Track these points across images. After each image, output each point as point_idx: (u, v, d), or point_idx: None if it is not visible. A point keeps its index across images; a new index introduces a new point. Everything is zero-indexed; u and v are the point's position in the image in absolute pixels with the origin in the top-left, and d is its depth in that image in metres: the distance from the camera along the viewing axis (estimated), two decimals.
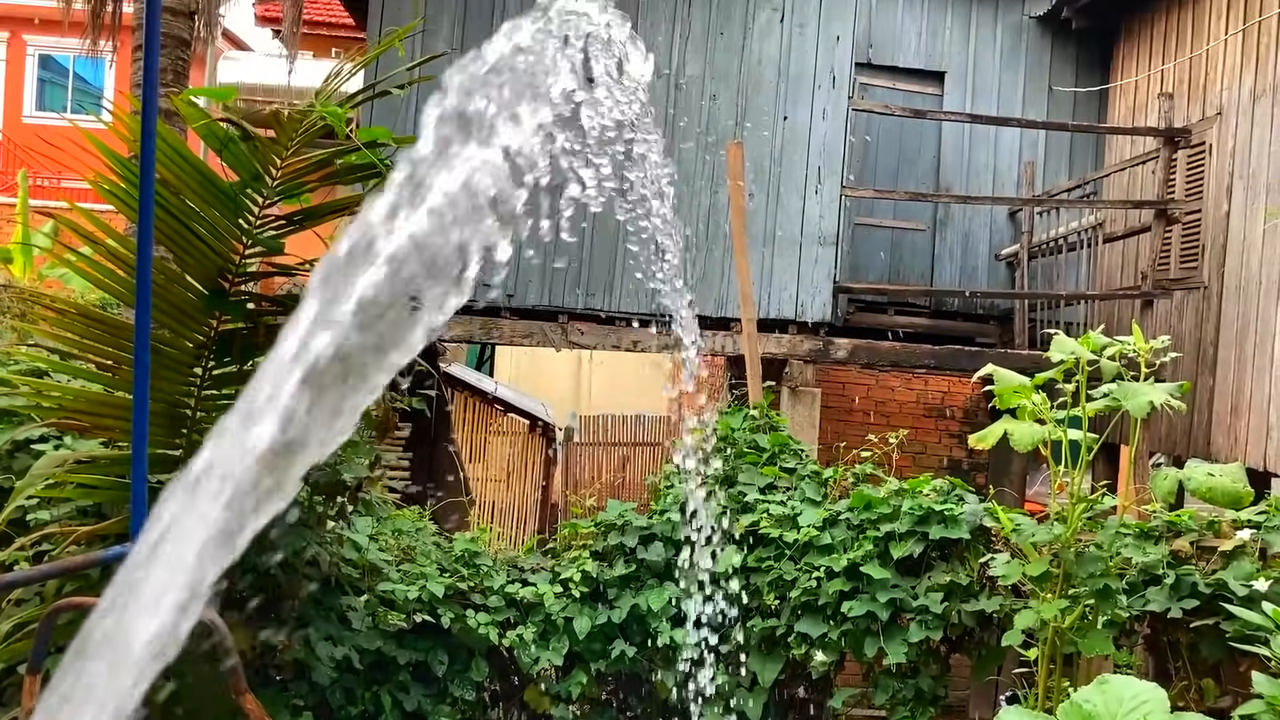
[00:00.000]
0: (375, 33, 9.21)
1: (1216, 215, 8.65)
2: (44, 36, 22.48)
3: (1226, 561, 4.31)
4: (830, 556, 4.82)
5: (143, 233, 2.58)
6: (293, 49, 10.55)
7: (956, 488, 5.02)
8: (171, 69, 6.70)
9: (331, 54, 18.37)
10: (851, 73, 9.42)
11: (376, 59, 3.80)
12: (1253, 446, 7.84)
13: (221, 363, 3.62)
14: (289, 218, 3.50)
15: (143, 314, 2.62)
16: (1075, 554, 4.07)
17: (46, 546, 3.79)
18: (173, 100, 3.72)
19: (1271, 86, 8.07)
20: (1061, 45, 11.22)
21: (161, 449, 3.57)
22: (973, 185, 10.93)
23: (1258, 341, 7.92)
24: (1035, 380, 4.03)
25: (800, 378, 8.89)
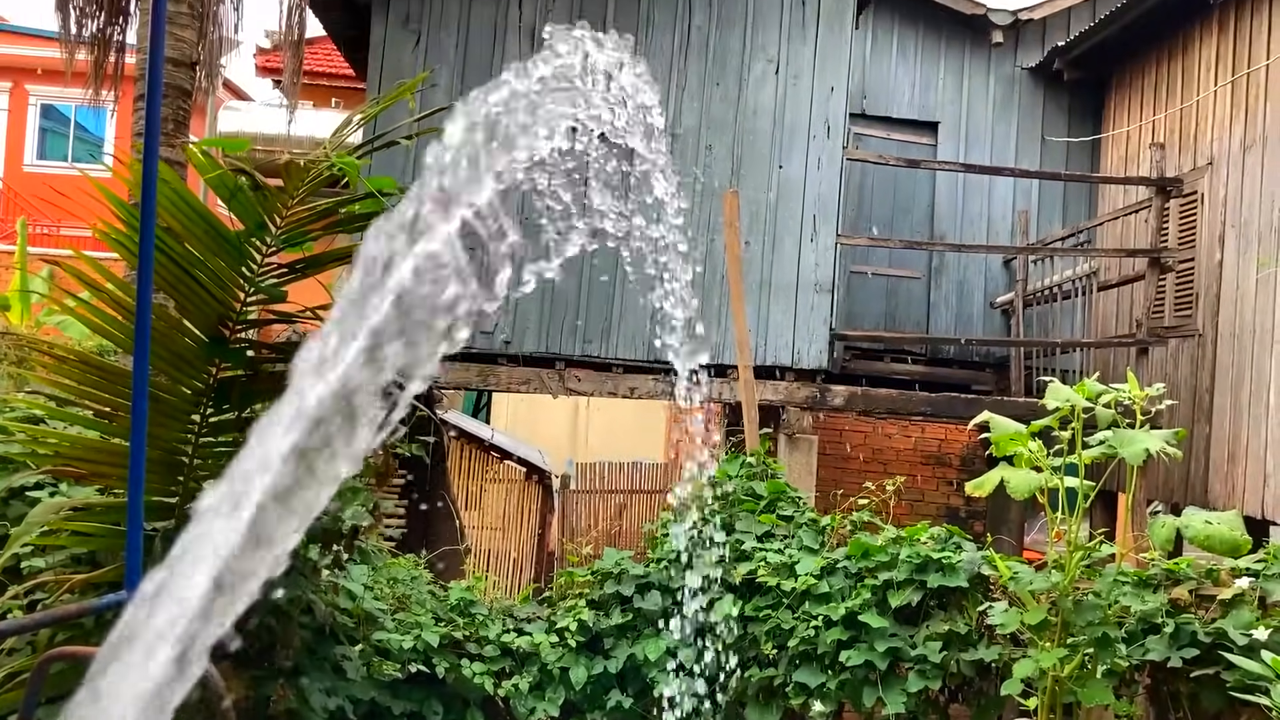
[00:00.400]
0: (375, 84, 9.30)
1: (1210, 264, 8.71)
2: (46, 86, 22.69)
3: (1226, 610, 4.29)
4: (828, 605, 4.80)
5: (143, 279, 2.60)
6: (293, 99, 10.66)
7: (954, 535, 5.01)
8: (173, 118, 6.75)
9: (331, 104, 18.54)
10: (846, 123, 9.52)
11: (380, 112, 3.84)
12: (1250, 494, 7.83)
13: (220, 410, 3.62)
14: (291, 265, 3.52)
15: (141, 360, 2.63)
16: (1074, 602, 4.06)
17: (40, 595, 3.76)
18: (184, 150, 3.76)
19: (1261, 137, 8.16)
20: (1054, 96, 11.37)
21: (158, 496, 3.56)
22: (967, 234, 11.02)
23: (1253, 389, 7.95)
24: (1031, 427, 4.04)
25: (797, 425, 8.89)
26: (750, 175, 9.33)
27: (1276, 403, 7.66)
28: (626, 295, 9.26)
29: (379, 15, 9.44)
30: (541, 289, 9.36)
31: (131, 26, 7.53)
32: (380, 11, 9.44)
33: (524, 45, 9.43)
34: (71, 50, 7.51)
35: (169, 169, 3.46)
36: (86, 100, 7.90)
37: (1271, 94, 8.12)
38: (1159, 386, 4.07)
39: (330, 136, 3.38)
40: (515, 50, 9.42)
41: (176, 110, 6.87)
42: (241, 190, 3.20)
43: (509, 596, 6.52)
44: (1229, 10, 8.78)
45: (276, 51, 16.34)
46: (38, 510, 3.75)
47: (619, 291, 9.26)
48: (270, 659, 4.00)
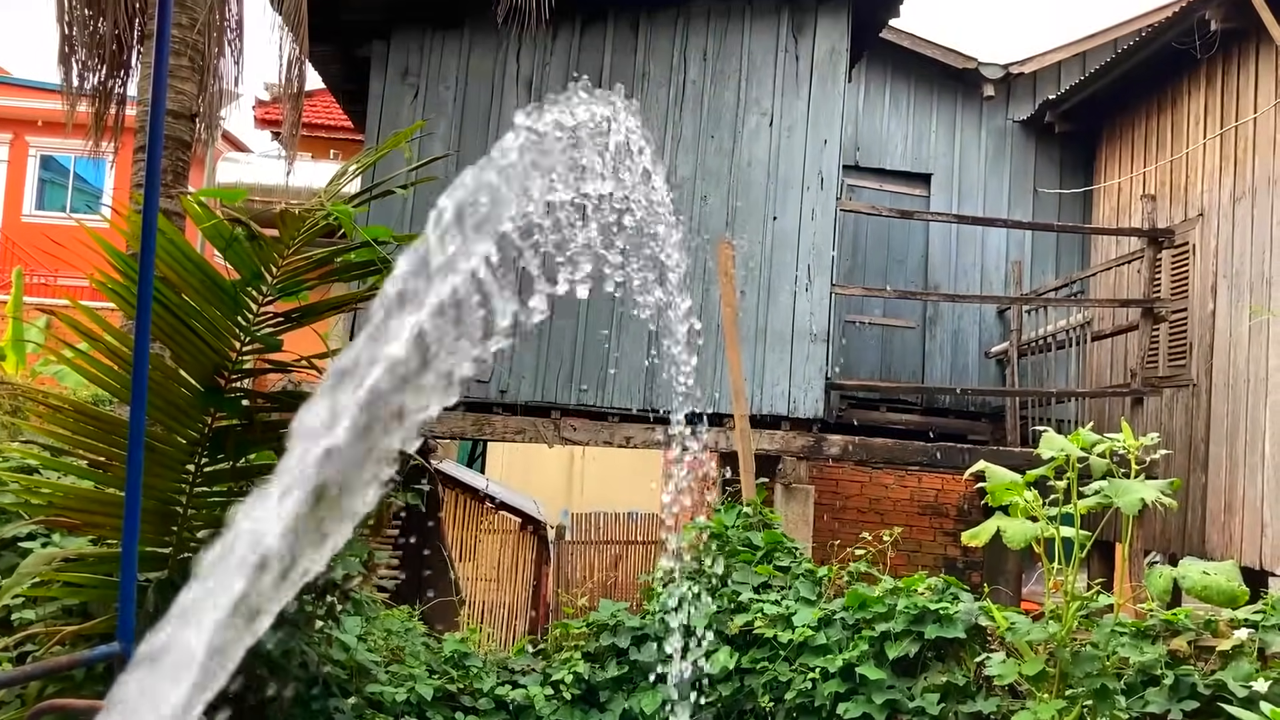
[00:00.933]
0: (373, 135, 9.39)
1: (1203, 314, 8.76)
2: (47, 138, 22.87)
3: (1225, 661, 4.26)
4: (825, 657, 4.76)
5: (140, 328, 2.61)
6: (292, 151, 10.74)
7: (951, 586, 4.98)
8: (172, 169, 6.80)
9: (329, 155, 18.69)
10: (839, 175, 9.61)
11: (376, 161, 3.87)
12: (1248, 544, 7.81)
13: (214, 459, 3.62)
14: (287, 314, 3.53)
15: (138, 410, 2.63)
16: (1072, 653, 4.03)
17: (30, 647, 3.73)
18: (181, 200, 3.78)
19: (1250, 189, 8.24)
20: (1045, 148, 11.49)
21: (151, 547, 3.54)
22: (961, 284, 11.08)
23: (1248, 439, 7.95)
24: (1027, 477, 4.03)
25: (794, 474, 8.87)
26: (745, 225, 9.39)
27: (1272, 453, 7.66)
28: (623, 344, 9.28)
29: (378, 68, 9.56)
30: (537, 338, 9.39)
31: (132, 79, 7.60)
32: (379, 65, 9.56)
33: (521, 97, 9.53)
34: (73, 102, 7.57)
35: (166, 220, 3.49)
36: (86, 151, 7.95)
37: (1259, 146, 8.21)
38: (1154, 436, 4.07)
39: (327, 186, 3.41)
40: (512, 102, 9.53)
41: (175, 161, 6.92)
42: (237, 240, 3.22)
43: (504, 648, 6.48)
44: (1216, 64, 8.91)
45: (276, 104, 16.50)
46: (29, 561, 3.73)
47: (615, 340, 9.28)
48: (263, 712, 3.95)
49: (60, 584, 3.75)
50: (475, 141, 9.46)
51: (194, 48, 6.27)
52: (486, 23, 8.61)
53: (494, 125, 9.51)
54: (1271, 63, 8.14)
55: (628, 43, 9.59)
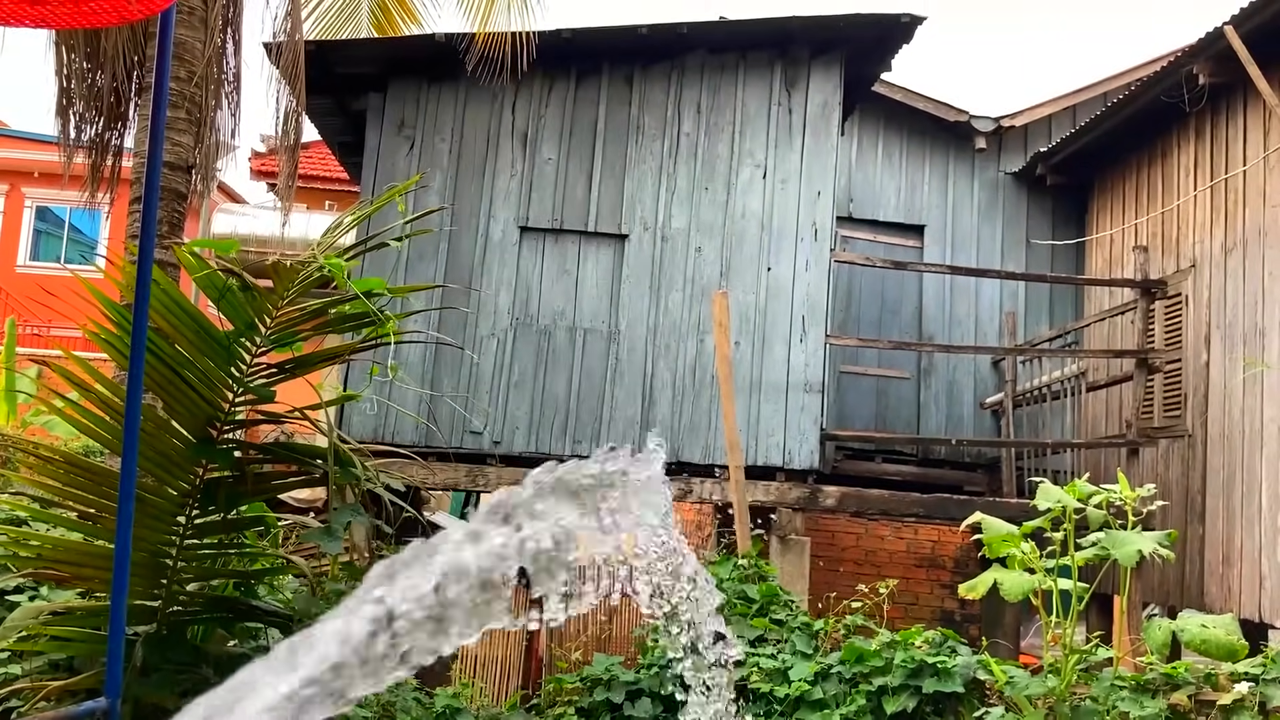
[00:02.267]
0: (369, 187, 9.44)
1: (1197, 364, 8.78)
2: (42, 189, 22.97)
3: (1226, 716, 4.21)
4: (822, 712, 4.70)
5: (133, 379, 2.59)
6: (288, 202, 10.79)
7: (949, 639, 4.93)
8: (167, 220, 6.81)
9: (325, 206, 18.78)
10: (833, 226, 9.66)
11: (371, 214, 3.89)
12: (1246, 597, 7.76)
13: (205, 511, 3.59)
14: (280, 366, 3.52)
15: (129, 461, 2.61)
16: (1071, 708, 3.99)
17: (15, 703, 3.67)
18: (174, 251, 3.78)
19: (1241, 240, 8.30)
20: (1037, 200, 11.58)
21: (140, 599, 3.50)
22: (955, 335, 11.11)
23: (1245, 491, 7.93)
24: (1024, 529, 4.01)
25: (789, 526, 8.82)
26: (739, 276, 9.43)
27: (1269, 505, 7.64)
28: (617, 395, 9.27)
29: (373, 121, 9.63)
30: (532, 390, 9.38)
31: (129, 131, 7.64)
32: (375, 117, 9.63)
33: (515, 150, 9.60)
34: (69, 154, 7.60)
35: (161, 271, 3.49)
36: (82, 203, 7.97)
37: (1249, 199, 8.28)
38: (1150, 487, 4.06)
39: (321, 237, 3.42)
40: (508, 154, 9.60)
41: (171, 213, 6.93)
42: (231, 291, 3.22)
43: (496, 704, 6.39)
44: (1205, 118, 9.00)
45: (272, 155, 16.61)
46: (16, 615, 3.68)
47: (609, 391, 9.27)
48: None
49: (47, 638, 3.70)
50: (470, 193, 9.51)
51: (191, 100, 6.31)
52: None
53: (489, 177, 9.57)
54: (1260, 116, 8.23)
55: (622, 95, 9.69)
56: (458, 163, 9.59)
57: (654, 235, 9.48)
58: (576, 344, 9.36)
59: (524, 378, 9.30)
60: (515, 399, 9.24)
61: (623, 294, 9.42)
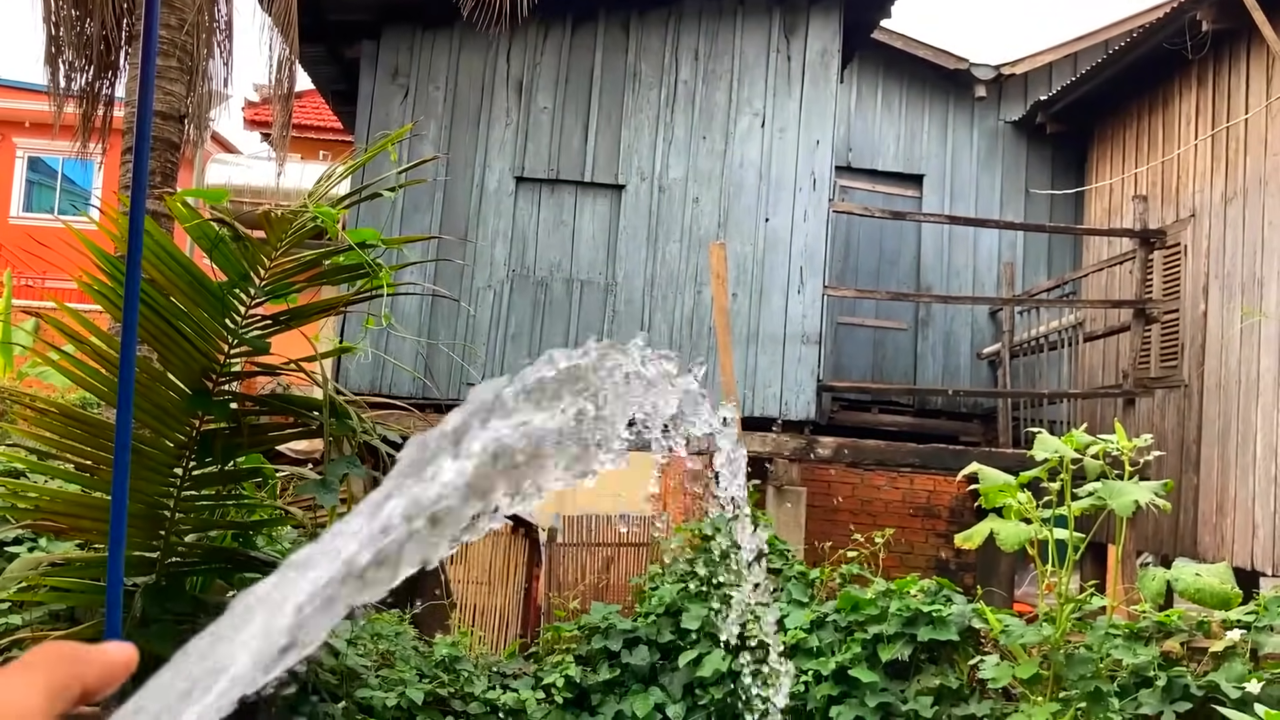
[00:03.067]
0: (363, 136, 9.36)
1: (1194, 315, 8.77)
2: (34, 139, 22.75)
3: (1218, 663, 4.25)
4: (818, 660, 4.74)
5: (127, 331, 2.57)
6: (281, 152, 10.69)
7: (944, 588, 4.97)
8: (160, 170, 6.75)
9: (319, 156, 18.63)
10: (831, 176, 9.59)
11: (365, 164, 3.84)
12: (1239, 545, 7.82)
13: (202, 463, 3.58)
14: (275, 317, 3.50)
15: (124, 413, 2.59)
16: (1065, 656, 4.02)
17: (16, 653, 3.70)
18: (166, 201, 3.75)
19: (1241, 190, 8.25)
20: (1037, 149, 11.50)
21: (139, 551, 3.51)
22: (953, 285, 11.08)
23: (1240, 441, 7.96)
24: (1020, 479, 4.02)
25: (785, 476, 8.85)
26: (737, 227, 9.38)
27: (1263, 454, 7.67)
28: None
29: (367, 69, 9.52)
30: (529, 342, 9.36)
31: (120, 80, 7.55)
32: (369, 66, 9.52)
33: (511, 99, 9.50)
34: (60, 104, 7.52)
35: (154, 222, 3.45)
36: (74, 153, 7.90)
37: (1251, 147, 8.22)
38: (1147, 438, 4.06)
39: (314, 188, 3.38)
40: (503, 103, 9.50)
41: (164, 163, 6.87)
42: (224, 241, 3.19)
43: (495, 652, 6.44)
44: (1207, 65, 8.92)
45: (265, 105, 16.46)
46: (16, 565, 3.69)
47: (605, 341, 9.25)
48: (253, 716, 3.92)
49: (47, 588, 3.72)
50: (465, 143, 9.43)
51: (183, 49, 6.23)
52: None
53: (484, 126, 9.48)
54: (1263, 63, 8.15)
55: (619, 43, 9.57)
56: (452, 112, 9.50)
57: (651, 185, 9.41)
58: (573, 296, 9.33)
59: (521, 330, 9.28)
60: (512, 351, 9.23)
61: (620, 245, 9.38)
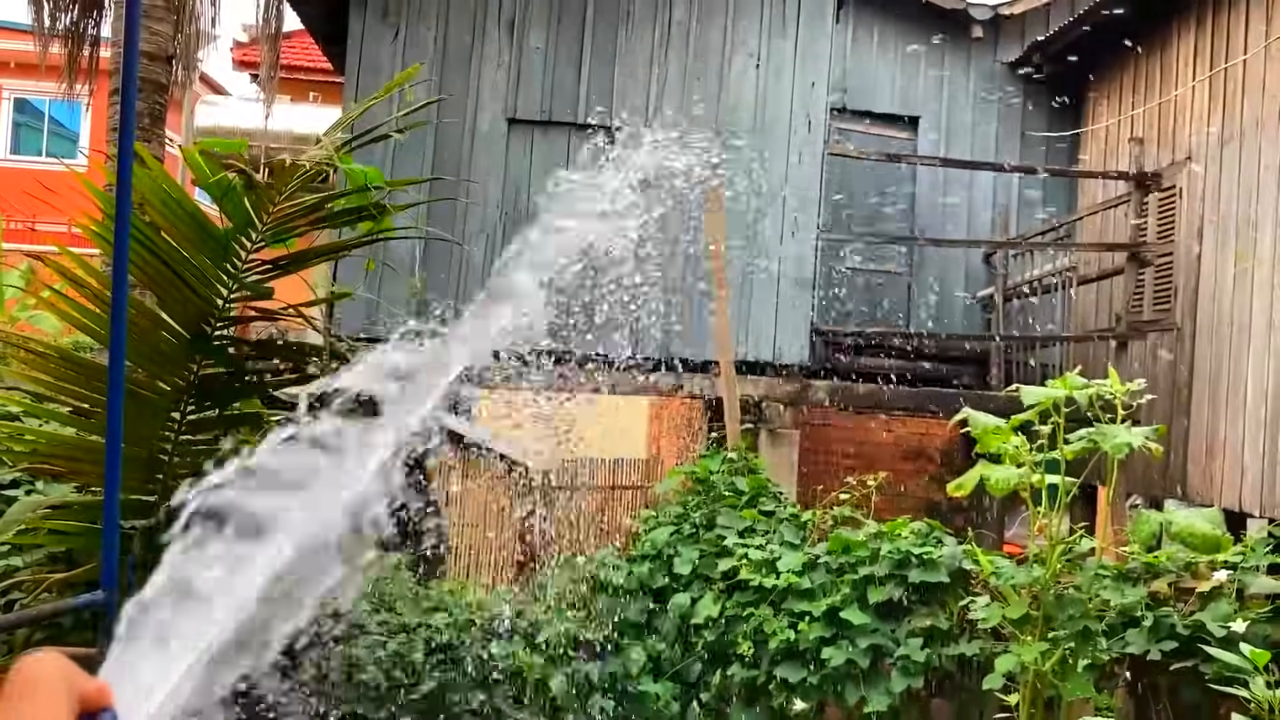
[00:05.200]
0: (353, 77, 9.25)
1: (1188, 258, 8.76)
2: (19, 80, 22.42)
3: (1204, 603, 4.31)
4: (810, 602, 4.80)
5: (118, 273, 2.57)
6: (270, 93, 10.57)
7: (935, 530, 5.02)
8: (148, 113, 6.68)
9: (309, 98, 18.42)
10: (827, 118, 9.52)
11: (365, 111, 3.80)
12: (1228, 487, 7.89)
13: (200, 408, 3.59)
14: (275, 262, 3.49)
15: (117, 356, 2.59)
16: (1055, 596, 4.08)
17: (17, 594, 3.73)
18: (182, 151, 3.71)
19: (1239, 131, 8.21)
20: (1033, 91, 11.40)
21: (136, 494, 3.52)
22: (948, 229, 11.04)
23: (1231, 384, 8.00)
24: (1012, 422, 4.05)
25: (778, 420, 8.89)
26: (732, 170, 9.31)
27: (1254, 397, 7.71)
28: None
29: (357, 9, 9.38)
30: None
31: (106, 20, 7.45)
32: (358, 5, 9.38)
33: (503, 39, 9.39)
34: (45, 44, 7.43)
35: (157, 163, 3.43)
36: (60, 94, 7.81)
37: (1249, 88, 8.16)
38: (1140, 382, 4.08)
39: (325, 133, 3.36)
40: (494, 43, 9.39)
41: (152, 105, 6.79)
42: (234, 189, 3.17)
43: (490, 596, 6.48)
44: (1206, 5, 8.82)
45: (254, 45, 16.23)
46: (14, 509, 3.71)
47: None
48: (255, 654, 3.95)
49: (46, 531, 3.74)
50: (457, 84, 9.33)
51: None
52: None
53: (476, 67, 9.37)
54: (1263, 3, 8.06)
55: None
56: (443, 52, 9.39)
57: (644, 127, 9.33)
58: None
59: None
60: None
61: None
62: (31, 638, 3.56)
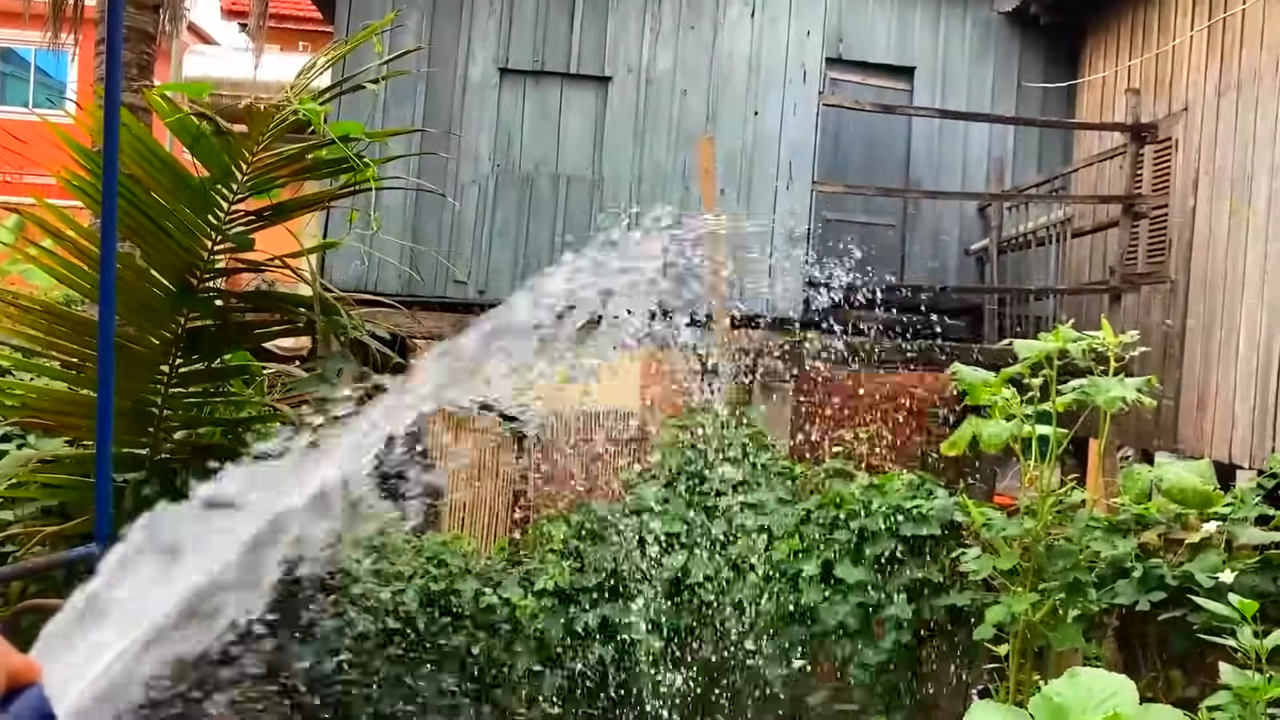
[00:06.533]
0: (343, 26, 9.13)
1: (1183, 210, 8.74)
2: (3, 29, 22.11)
3: (1193, 554, 4.34)
4: (801, 556, 4.82)
5: (106, 227, 2.54)
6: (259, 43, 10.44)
7: (926, 483, 5.03)
8: (136, 63, 6.59)
9: (299, 47, 18.21)
10: (822, 68, 9.43)
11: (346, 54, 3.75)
12: (1218, 439, 7.93)
13: (190, 360, 3.58)
14: (259, 213, 3.46)
15: (106, 310, 2.58)
16: (1045, 548, 4.10)
17: (10, 548, 3.73)
18: (145, 95, 3.67)
19: (1236, 82, 8.15)
20: (1030, 41, 11.29)
21: (128, 448, 3.52)
22: (943, 181, 10.98)
23: (1223, 336, 8.01)
24: (1003, 374, 4.05)
25: (772, 374, 8.90)
26: (726, 121, 9.25)
27: (1245, 349, 7.73)
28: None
29: None
30: (515, 238, 9.29)
31: None
32: None
33: None
34: None
35: (132, 116, 3.38)
36: (45, 43, 7.70)
37: (1248, 39, 8.09)
38: (1133, 334, 4.08)
39: (294, 80, 3.31)
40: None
41: (139, 55, 6.71)
42: (205, 136, 3.13)
43: (484, 548, 6.53)
44: None
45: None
46: (5, 462, 3.71)
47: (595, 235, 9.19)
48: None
49: (37, 485, 3.74)
50: (448, 33, 9.22)
51: None
52: None
53: (467, 15, 9.26)
54: None
55: None
56: (434, 2, 9.26)
57: (638, 78, 9.24)
58: (559, 192, 9.23)
59: (506, 226, 9.20)
60: (499, 247, 9.17)
61: (606, 140, 9.25)
62: (26, 590, 3.57)
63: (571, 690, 4.93)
